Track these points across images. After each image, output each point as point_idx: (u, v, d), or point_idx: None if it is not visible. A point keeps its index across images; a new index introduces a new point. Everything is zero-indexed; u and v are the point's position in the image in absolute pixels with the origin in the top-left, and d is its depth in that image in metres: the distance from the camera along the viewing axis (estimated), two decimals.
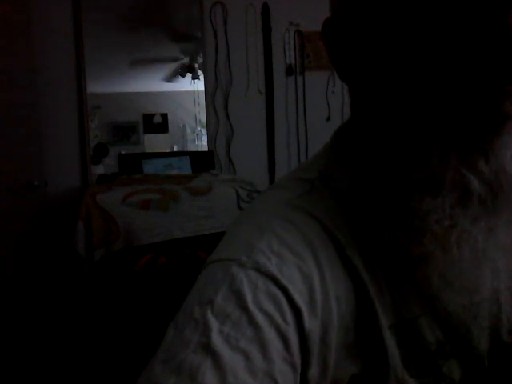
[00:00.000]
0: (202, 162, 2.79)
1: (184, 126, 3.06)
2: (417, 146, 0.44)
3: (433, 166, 0.43)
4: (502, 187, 0.42)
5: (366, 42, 0.45)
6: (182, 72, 3.01)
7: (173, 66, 3.01)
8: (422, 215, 0.44)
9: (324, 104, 2.90)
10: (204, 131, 2.95)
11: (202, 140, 3.01)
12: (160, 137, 3.02)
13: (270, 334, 0.41)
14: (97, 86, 2.76)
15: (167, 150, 3.01)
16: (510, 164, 0.42)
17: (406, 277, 0.47)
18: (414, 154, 0.44)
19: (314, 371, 0.43)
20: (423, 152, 0.43)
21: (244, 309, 0.41)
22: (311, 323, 0.43)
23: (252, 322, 0.41)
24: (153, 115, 3.00)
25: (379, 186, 0.47)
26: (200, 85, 2.96)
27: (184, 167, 2.74)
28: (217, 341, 0.40)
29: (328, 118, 2.90)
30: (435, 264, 0.45)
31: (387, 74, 0.44)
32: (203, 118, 2.94)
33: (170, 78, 3.04)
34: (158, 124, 3.01)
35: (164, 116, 3.02)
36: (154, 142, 3.00)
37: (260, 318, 0.41)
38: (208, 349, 0.39)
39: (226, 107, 2.86)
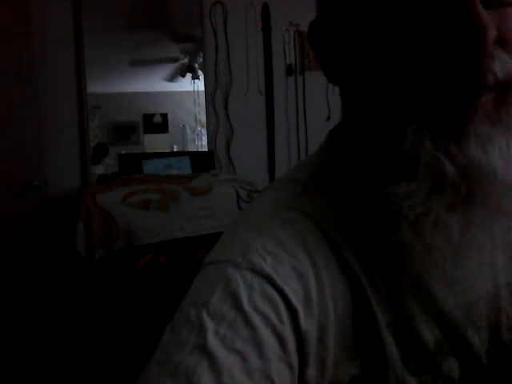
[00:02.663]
0: (202, 161, 2.79)
1: (184, 126, 3.06)
2: (391, 131, 0.43)
3: (406, 149, 0.41)
4: (476, 176, 0.40)
5: (348, 42, 0.46)
6: (182, 72, 3.01)
7: (173, 66, 3.01)
8: (397, 200, 0.42)
9: (324, 104, 2.90)
10: (204, 131, 2.95)
11: (202, 140, 3.01)
12: (160, 137, 3.02)
13: (266, 335, 0.41)
14: (97, 86, 2.76)
15: (167, 150, 3.01)
16: (481, 153, 0.40)
17: (401, 275, 0.47)
18: (389, 138, 0.43)
19: (311, 371, 0.43)
20: (397, 135, 0.42)
21: (239, 310, 0.41)
22: (307, 323, 0.43)
23: (248, 322, 0.41)
24: (153, 115, 3.00)
25: (367, 184, 0.47)
26: (200, 85, 2.96)
27: (184, 167, 2.74)
28: (213, 342, 0.40)
29: (328, 118, 2.90)
30: (413, 254, 0.44)
31: (368, 73, 0.44)
32: (203, 117, 2.93)
33: (170, 78, 3.04)
34: (157, 124, 3.01)
35: (164, 116, 3.01)
36: (153, 142, 3.00)
37: (256, 319, 0.41)
38: (204, 350, 0.39)
39: (226, 107, 2.86)
